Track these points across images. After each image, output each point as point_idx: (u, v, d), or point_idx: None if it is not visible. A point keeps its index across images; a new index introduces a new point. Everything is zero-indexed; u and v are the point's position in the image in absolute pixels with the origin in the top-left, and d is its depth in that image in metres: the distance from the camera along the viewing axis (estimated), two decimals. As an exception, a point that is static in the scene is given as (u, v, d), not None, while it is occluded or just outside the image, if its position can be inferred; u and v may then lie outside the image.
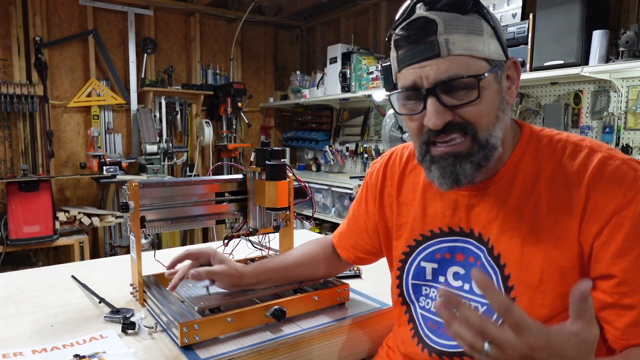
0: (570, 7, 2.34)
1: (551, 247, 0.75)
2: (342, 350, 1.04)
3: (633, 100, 2.44)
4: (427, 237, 0.90)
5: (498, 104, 0.76)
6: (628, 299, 0.69)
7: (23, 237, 3.25)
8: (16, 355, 0.85)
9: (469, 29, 0.73)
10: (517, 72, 0.80)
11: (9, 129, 3.73)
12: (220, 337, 0.93)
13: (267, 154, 1.12)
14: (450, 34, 0.72)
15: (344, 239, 1.11)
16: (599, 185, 0.72)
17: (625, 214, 0.70)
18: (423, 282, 0.91)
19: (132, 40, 4.14)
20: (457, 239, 0.86)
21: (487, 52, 0.74)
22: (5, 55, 3.69)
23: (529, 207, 0.78)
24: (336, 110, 4.53)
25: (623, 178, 0.71)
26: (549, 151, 0.80)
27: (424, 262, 0.91)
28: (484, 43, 0.74)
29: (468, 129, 0.75)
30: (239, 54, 4.86)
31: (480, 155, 0.76)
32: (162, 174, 4.06)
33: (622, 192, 0.70)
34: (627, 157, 0.75)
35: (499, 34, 0.76)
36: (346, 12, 4.50)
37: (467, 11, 0.73)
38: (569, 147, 0.79)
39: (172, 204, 1.13)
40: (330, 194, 3.83)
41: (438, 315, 0.81)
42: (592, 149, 0.76)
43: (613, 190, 0.71)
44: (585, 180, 0.73)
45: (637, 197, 0.70)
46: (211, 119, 4.55)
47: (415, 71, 0.74)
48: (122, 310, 1.02)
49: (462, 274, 0.85)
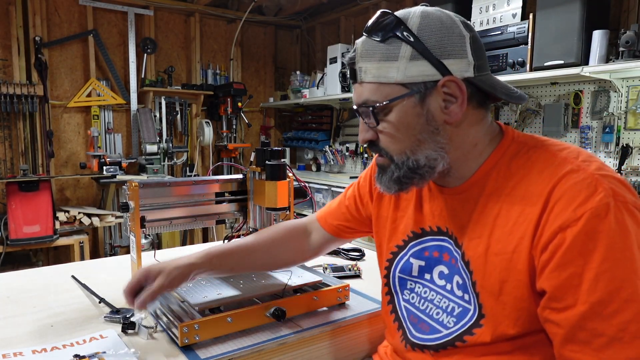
0: (570, 7, 2.34)
1: (509, 259, 0.75)
2: (342, 350, 1.04)
3: (633, 100, 2.44)
4: (419, 235, 0.92)
5: (420, 126, 0.78)
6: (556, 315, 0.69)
7: (23, 237, 3.25)
8: (16, 355, 0.85)
9: (381, 56, 0.76)
10: (460, 89, 0.76)
11: (9, 129, 3.73)
12: (220, 337, 0.93)
13: (267, 154, 1.12)
14: (364, 62, 0.78)
15: (330, 214, 1.11)
16: (555, 200, 0.70)
17: (570, 231, 0.67)
18: (408, 277, 0.94)
19: (132, 40, 4.14)
20: (444, 239, 0.88)
21: (401, 77, 0.75)
22: (5, 55, 3.69)
23: (493, 216, 0.78)
24: (336, 110, 4.53)
25: (578, 194, 0.68)
26: (522, 161, 0.78)
27: (412, 258, 0.93)
28: (397, 69, 0.75)
29: (383, 152, 0.82)
30: (239, 54, 4.86)
31: (400, 173, 0.80)
32: (162, 174, 4.06)
33: (573, 209, 0.68)
34: (599, 172, 0.70)
35: (429, 54, 0.74)
36: (346, 12, 4.50)
37: (386, 38, 0.75)
38: (542, 158, 0.77)
39: (172, 204, 1.13)
40: (330, 194, 3.83)
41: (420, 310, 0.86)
42: (565, 161, 0.73)
43: (565, 206, 0.69)
44: (545, 195, 0.72)
45: (585, 216, 0.66)
46: (211, 119, 4.55)
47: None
48: (122, 310, 1.02)
49: (446, 273, 0.87)
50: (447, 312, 0.85)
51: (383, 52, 0.76)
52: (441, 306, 0.87)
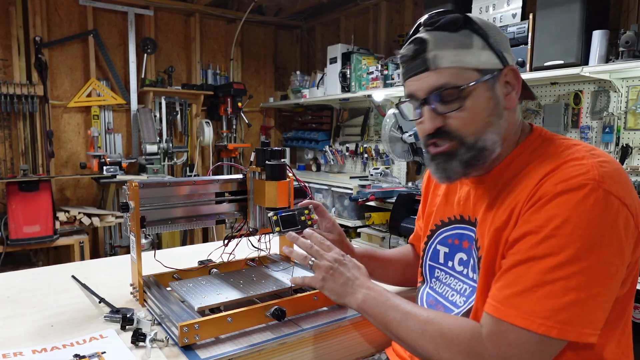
0: (570, 7, 2.34)
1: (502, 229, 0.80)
2: (342, 350, 1.04)
3: (633, 100, 2.44)
4: (445, 223, 1.01)
5: (490, 110, 0.84)
6: None
7: (23, 237, 3.25)
8: (16, 355, 0.85)
9: (457, 44, 0.83)
10: (517, 78, 0.87)
11: (9, 129, 3.73)
12: (220, 337, 0.93)
13: (267, 154, 1.12)
14: (439, 49, 0.83)
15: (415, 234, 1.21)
16: (548, 178, 0.76)
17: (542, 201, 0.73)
18: (436, 264, 1.02)
19: (132, 40, 4.14)
20: (464, 226, 0.95)
21: (476, 63, 0.83)
22: (5, 55, 3.69)
23: (502, 197, 0.84)
24: (336, 110, 4.53)
25: (568, 174, 0.74)
26: (540, 153, 0.84)
27: (439, 245, 1.01)
28: (474, 54, 0.83)
29: (453, 137, 0.85)
30: (239, 54, 4.86)
31: (469, 155, 0.84)
32: (162, 174, 4.06)
33: (555, 183, 0.73)
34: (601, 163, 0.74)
35: (493, 46, 0.84)
36: (346, 12, 4.50)
37: (458, 29, 0.83)
38: (560, 148, 0.82)
39: (172, 204, 1.13)
40: (330, 194, 3.83)
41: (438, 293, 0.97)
42: (577, 151, 0.78)
43: (552, 182, 0.74)
44: (543, 175, 0.77)
45: (559, 187, 0.72)
46: (211, 119, 4.55)
47: (413, 83, 0.86)
48: (122, 310, 1.02)
49: (465, 260, 0.94)
50: (460, 293, 0.93)
51: (458, 41, 0.83)
52: (456, 289, 0.94)
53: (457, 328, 0.77)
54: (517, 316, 0.71)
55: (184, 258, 1.33)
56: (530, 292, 0.71)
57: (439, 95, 0.83)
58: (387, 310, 0.85)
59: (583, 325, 0.69)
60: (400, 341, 0.84)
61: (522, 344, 0.70)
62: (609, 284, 0.71)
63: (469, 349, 0.74)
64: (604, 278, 0.70)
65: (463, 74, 0.82)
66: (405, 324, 0.82)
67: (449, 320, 0.80)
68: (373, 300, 0.88)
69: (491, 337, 0.73)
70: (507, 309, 0.72)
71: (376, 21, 4.21)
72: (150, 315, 1.01)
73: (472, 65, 0.82)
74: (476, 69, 0.82)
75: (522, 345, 0.70)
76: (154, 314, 1.02)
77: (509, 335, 0.71)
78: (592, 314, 0.69)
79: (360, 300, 0.89)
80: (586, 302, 0.69)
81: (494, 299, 0.75)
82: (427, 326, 0.80)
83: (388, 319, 0.85)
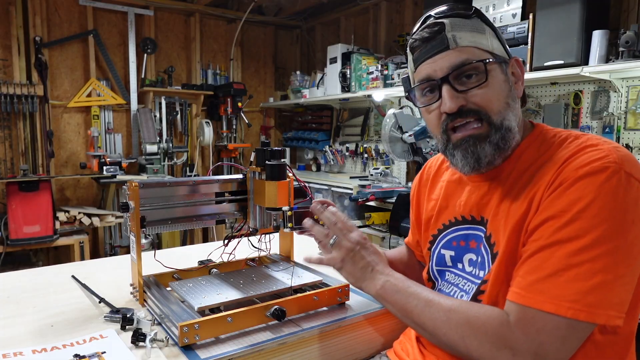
0: (570, 7, 2.34)
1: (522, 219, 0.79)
2: (342, 350, 1.04)
3: (633, 100, 2.44)
4: (446, 226, 0.99)
5: (507, 91, 0.85)
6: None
7: (23, 237, 3.25)
8: (16, 355, 0.85)
9: (472, 28, 0.84)
10: (521, 69, 0.89)
11: (9, 129, 3.73)
12: (220, 337, 0.93)
13: (267, 154, 1.12)
14: (456, 31, 0.84)
15: (410, 239, 1.20)
16: (567, 164, 0.76)
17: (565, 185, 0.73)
18: (445, 268, 0.99)
19: (132, 40, 4.14)
20: (469, 226, 0.93)
21: (491, 47, 0.85)
22: (5, 55, 3.69)
23: (516, 189, 0.83)
24: (336, 110, 4.53)
25: (587, 159, 0.74)
26: (549, 143, 0.84)
27: (443, 249, 0.99)
28: (487, 39, 0.85)
29: (481, 114, 0.83)
30: (239, 54, 4.86)
31: (498, 136, 0.83)
32: (162, 174, 4.06)
33: (575, 168, 0.74)
34: (617, 149, 0.75)
35: (499, 37, 0.88)
36: (346, 12, 4.50)
37: (470, 16, 0.85)
38: (568, 139, 0.83)
39: (172, 204, 1.13)
40: (330, 194, 3.83)
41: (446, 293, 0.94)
42: (590, 139, 0.79)
43: (572, 167, 0.74)
44: (562, 161, 0.77)
45: (583, 171, 0.72)
46: (211, 119, 4.55)
47: (429, 65, 0.85)
48: (122, 310, 1.02)
49: (474, 260, 0.92)
50: (466, 292, 0.91)
51: (473, 25, 0.85)
52: (464, 289, 0.92)
53: (484, 316, 0.76)
54: (544, 302, 0.70)
55: (184, 258, 1.33)
56: (556, 276, 0.70)
57: (462, 73, 0.83)
58: (408, 298, 0.84)
59: (610, 308, 0.68)
60: (422, 329, 0.83)
61: (551, 329, 0.69)
62: (634, 265, 0.71)
63: (496, 336, 0.73)
64: (630, 259, 0.70)
65: (481, 54, 0.83)
66: (429, 311, 0.81)
67: (475, 307, 0.79)
68: (393, 287, 0.87)
69: (519, 323, 0.72)
70: (533, 295, 0.71)
71: (376, 21, 4.21)
72: (150, 315, 1.01)
73: (488, 48, 0.84)
74: (491, 52, 0.84)
75: (551, 331, 0.69)
76: (154, 314, 1.02)
77: (537, 321, 0.70)
78: (618, 295, 0.69)
79: (380, 287, 0.88)
80: (613, 284, 0.68)
81: (518, 287, 0.74)
82: (451, 314, 0.78)
83: (409, 307, 0.84)
